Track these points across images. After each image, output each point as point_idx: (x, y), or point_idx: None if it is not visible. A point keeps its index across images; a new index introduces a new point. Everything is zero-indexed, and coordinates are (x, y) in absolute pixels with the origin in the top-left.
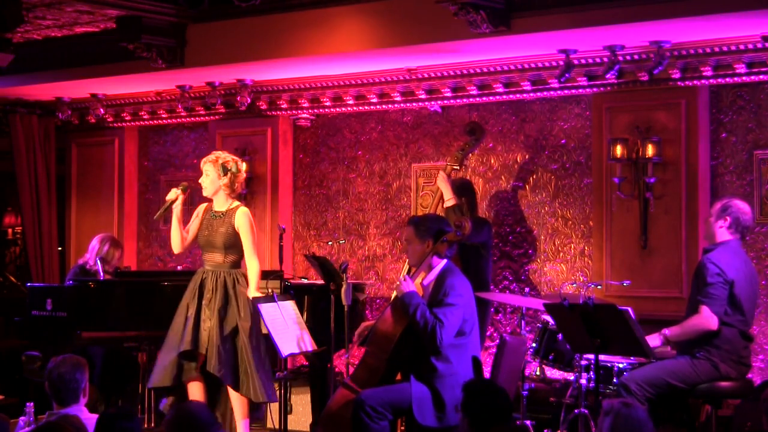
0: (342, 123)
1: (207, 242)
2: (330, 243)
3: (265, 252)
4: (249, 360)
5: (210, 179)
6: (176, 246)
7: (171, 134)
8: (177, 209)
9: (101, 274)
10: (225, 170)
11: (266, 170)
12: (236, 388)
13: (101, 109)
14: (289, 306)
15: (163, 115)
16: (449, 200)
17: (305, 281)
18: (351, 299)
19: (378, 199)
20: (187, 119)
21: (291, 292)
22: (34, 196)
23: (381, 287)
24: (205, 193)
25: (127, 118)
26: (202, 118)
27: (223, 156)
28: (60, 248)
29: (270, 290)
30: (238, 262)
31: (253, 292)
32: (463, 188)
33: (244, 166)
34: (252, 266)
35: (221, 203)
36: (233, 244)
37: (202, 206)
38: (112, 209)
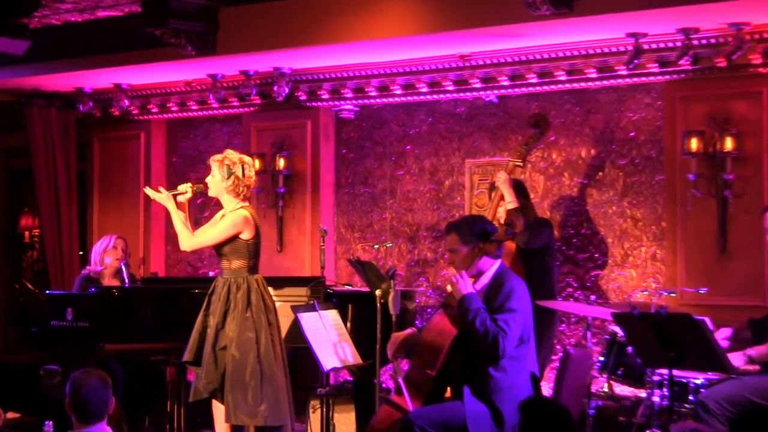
0: (389, 115)
1: (214, 248)
2: (376, 246)
3: (305, 256)
4: (228, 377)
5: (215, 180)
6: (182, 242)
7: (201, 128)
8: (171, 204)
9: (126, 280)
10: (229, 172)
11: (306, 167)
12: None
13: (125, 101)
14: (331, 316)
15: (193, 107)
16: (511, 202)
17: (349, 288)
18: (399, 308)
19: (428, 199)
20: (219, 111)
21: (333, 300)
22: (53, 196)
23: (432, 295)
24: (209, 193)
25: (153, 111)
26: (235, 110)
27: (231, 157)
28: (81, 252)
29: (310, 299)
30: (248, 268)
31: (161, 198)
32: (521, 187)
33: (252, 171)
34: (182, 240)
35: (227, 206)
36: (235, 249)
37: (220, 213)
38: (138, 210)
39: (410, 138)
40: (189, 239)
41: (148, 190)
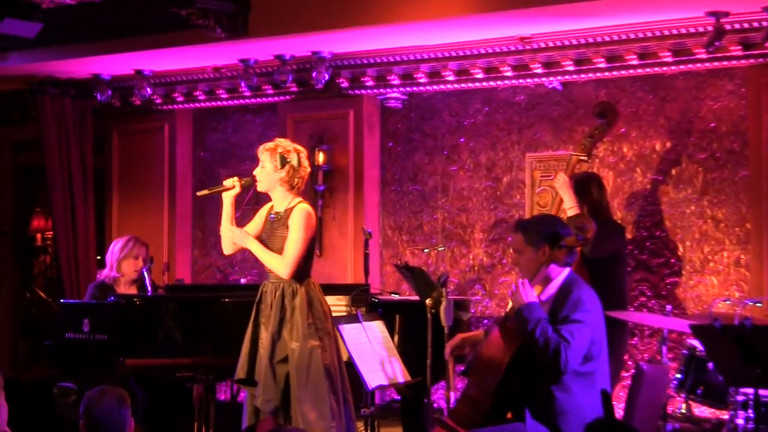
0: (440, 104)
1: (265, 245)
2: (426, 250)
3: (347, 261)
4: (294, 392)
5: (266, 171)
6: (226, 246)
7: (232, 119)
8: (228, 199)
9: (148, 287)
10: (283, 161)
11: (348, 162)
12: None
13: (148, 89)
14: (377, 327)
15: (223, 96)
16: (571, 208)
17: (396, 297)
18: (452, 319)
19: (485, 197)
20: (252, 100)
21: (379, 310)
22: (68, 195)
23: (489, 304)
24: (259, 187)
25: (179, 100)
26: (269, 98)
27: (284, 144)
28: (99, 257)
29: (353, 308)
30: (303, 272)
31: (236, 234)
32: (588, 183)
33: (307, 162)
34: (278, 266)
35: (280, 201)
36: None
37: (267, 206)
38: (161, 209)
39: (464, 129)
40: (283, 262)
41: (201, 193)
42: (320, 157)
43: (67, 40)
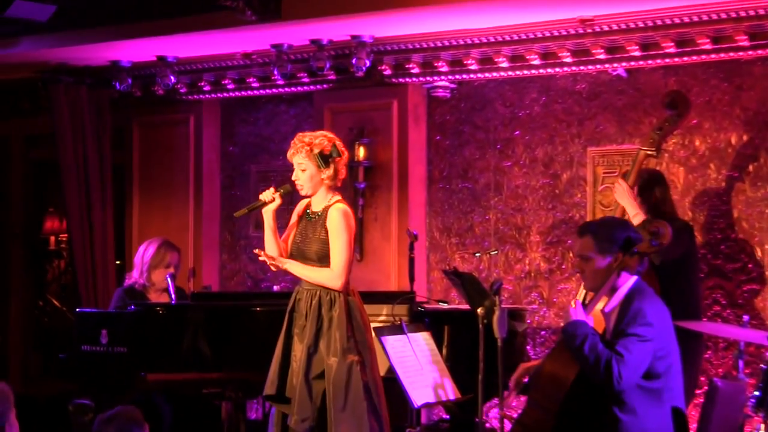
0: (493, 93)
1: (299, 252)
2: (478, 255)
3: (391, 267)
4: (330, 411)
5: (308, 174)
6: (329, 279)
7: (264, 109)
8: (269, 215)
9: (173, 295)
10: (325, 159)
11: (391, 157)
12: None
13: (172, 77)
14: (423, 339)
15: (254, 85)
16: (636, 215)
17: (444, 306)
18: (506, 330)
19: (542, 196)
20: (286, 89)
21: (426, 320)
22: (84, 194)
23: (547, 314)
24: (303, 192)
25: (205, 89)
26: (305, 87)
27: (317, 140)
28: (118, 262)
29: (397, 318)
30: None
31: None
32: (651, 183)
33: (344, 148)
34: (329, 280)
35: (319, 200)
36: (328, 253)
37: (302, 203)
38: (187, 210)
39: (519, 121)
40: (333, 275)
41: (238, 213)
42: (361, 152)
43: (83, 23)
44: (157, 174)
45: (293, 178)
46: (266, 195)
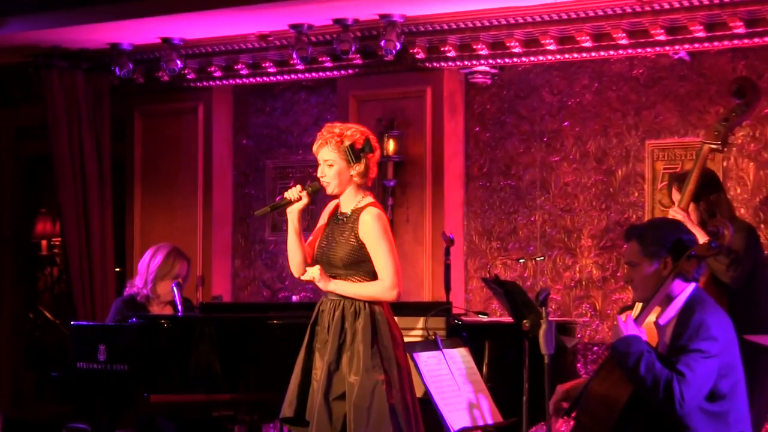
0: (539, 79)
1: (324, 258)
2: (522, 261)
3: (424, 274)
4: None
5: (336, 170)
6: (296, 268)
7: (281, 98)
8: (294, 215)
9: (179, 305)
10: (356, 154)
11: (424, 151)
12: None
13: (178, 62)
14: (461, 356)
15: (271, 70)
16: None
17: (484, 318)
18: (554, 346)
19: (594, 195)
20: (306, 75)
21: (463, 334)
22: (80, 192)
23: (600, 327)
24: (329, 191)
25: (216, 75)
26: (328, 73)
27: (348, 132)
28: (118, 269)
29: (431, 332)
30: None
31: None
32: (703, 187)
33: (377, 143)
34: (382, 294)
35: (348, 200)
36: (359, 260)
37: (332, 204)
38: (195, 210)
39: (568, 111)
40: (385, 286)
41: (260, 212)
42: (390, 146)
43: (79, 1)
44: (162, 170)
45: (318, 174)
46: (292, 193)
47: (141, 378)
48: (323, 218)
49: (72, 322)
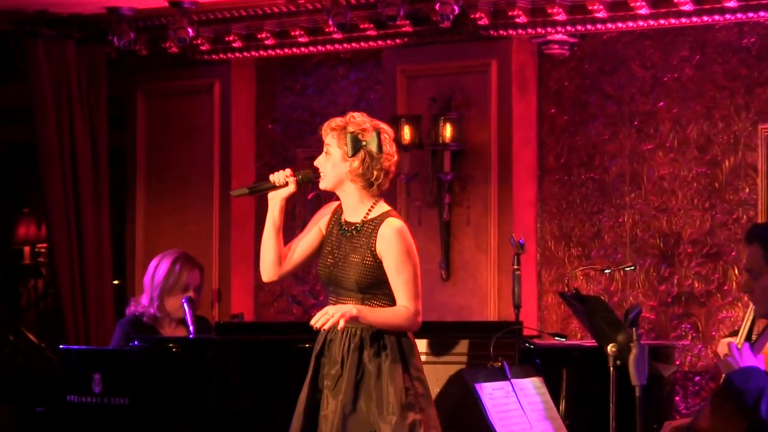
0: (627, 50)
1: (332, 279)
2: (607, 271)
3: (488, 287)
4: None
5: (332, 160)
6: (266, 270)
7: (314, 74)
8: (275, 204)
9: (191, 325)
10: (356, 146)
11: (488, 138)
12: None
13: (189, 30)
14: (534, 387)
15: (302, 40)
16: None
17: (561, 340)
18: (647, 375)
19: (695, 191)
20: (345, 46)
21: (536, 361)
22: (70, 188)
23: (703, 352)
24: (323, 185)
25: (235, 46)
26: (371, 43)
27: (359, 120)
28: (117, 281)
29: (498, 358)
30: None
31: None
32: None
33: (393, 147)
34: (407, 323)
35: (354, 207)
36: (377, 282)
37: (329, 207)
38: (210, 210)
39: (664, 88)
40: (409, 313)
41: (237, 191)
42: (447, 131)
43: None
44: (170, 162)
45: (315, 162)
46: (278, 176)
47: (144, 414)
48: (320, 223)
49: (61, 346)
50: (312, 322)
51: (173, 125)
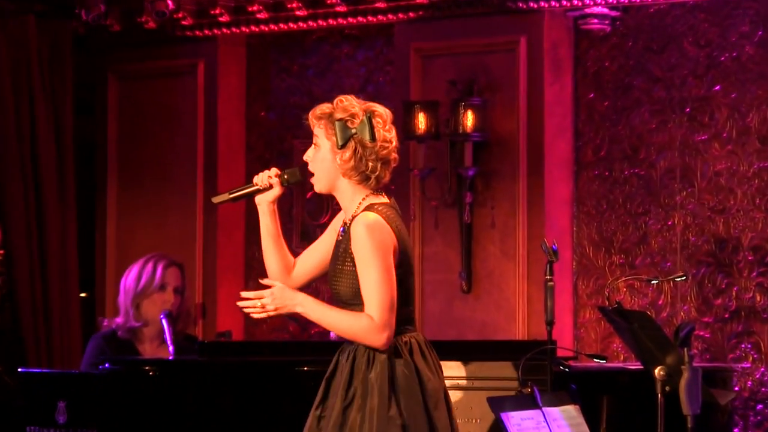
0: (677, 26)
1: (332, 289)
2: (654, 282)
3: (516, 300)
4: None
5: (320, 154)
6: (273, 277)
7: (315, 53)
8: (264, 208)
9: (170, 344)
10: (345, 134)
11: (517, 127)
12: None
13: (168, 1)
14: (568, 417)
15: (299, 13)
16: None
17: (601, 363)
18: (700, 402)
19: (757, 189)
20: (349, 20)
21: (572, 386)
22: (31, 186)
23: (766, 377)
24: (316, 188)
25: (222, 20)
26: (379, 17)
27: (346, 104)
28: (84, 294)
29: (528, 383)
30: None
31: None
32: None
33: (393, 132)
34: (367, 336)
35: (348, 207)
36: (359, 292)
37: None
38: (193, 211)
39: (721, 70)
40: (372, 326)
41: (219, 198)
42: (468, 119)
43: None
44: (147, 155)
45: (305, 156)
46: (261, 178)
47: None
48: (335, 226)
49: (19, 369)
50: (239, 303)
51: (150, 113)
